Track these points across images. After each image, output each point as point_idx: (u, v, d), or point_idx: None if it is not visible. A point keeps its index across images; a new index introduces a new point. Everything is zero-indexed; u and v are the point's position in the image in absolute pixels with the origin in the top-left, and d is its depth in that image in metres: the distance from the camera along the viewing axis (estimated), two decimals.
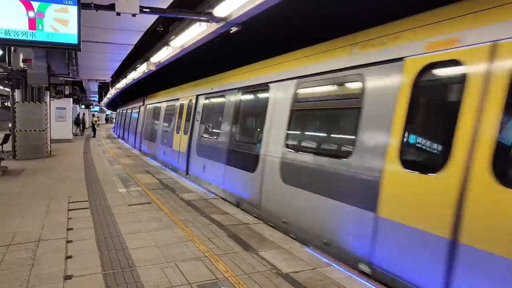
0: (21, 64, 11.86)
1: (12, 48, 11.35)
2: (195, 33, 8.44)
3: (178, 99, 13.19)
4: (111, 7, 6.48)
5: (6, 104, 38.88)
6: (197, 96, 11.16)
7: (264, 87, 7.23)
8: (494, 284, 3.14)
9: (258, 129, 7.35)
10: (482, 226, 3.22)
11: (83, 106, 38.08)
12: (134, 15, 6.59)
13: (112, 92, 31.78)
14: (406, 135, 4.07)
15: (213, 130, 9.73)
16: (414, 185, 3.86)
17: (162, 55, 11.78)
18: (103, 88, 32.06)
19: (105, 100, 45.28)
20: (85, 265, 4.14)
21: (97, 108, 53.13)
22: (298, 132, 6.26)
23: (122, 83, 23.13)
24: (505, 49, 3.24)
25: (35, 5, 5.89)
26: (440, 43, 3.84)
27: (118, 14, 6.56)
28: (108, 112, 78.18)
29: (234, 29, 7.43)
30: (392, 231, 4.06)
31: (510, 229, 3.02)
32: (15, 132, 13.65)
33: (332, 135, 5.69)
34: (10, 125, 15.20)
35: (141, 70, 15.00)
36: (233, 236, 5.27)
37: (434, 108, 4.11)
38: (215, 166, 9.01)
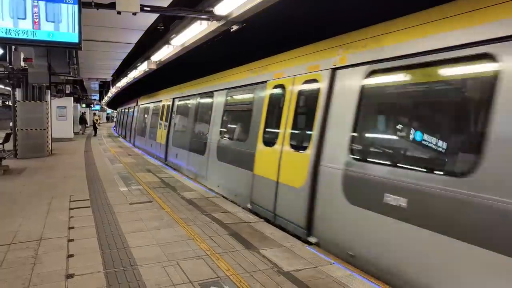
0: (22, 63, 11.89)
1: (13, 47, 11.36)
2: (195, 31, 8.43)
3: (161, 101, 16.13)
4: (112, 5, 6.47)
5: (7, 103, 38.92)
6: (173, 99, 14.00)
7: (211, 94, 10.19)
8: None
9: (207, 124, 10.12)
10: (289, 171, 6.09)
11: (84, 105, 38.08)
12: (134, 13, 6.58)
13: (113, 91, 31.76)
14: (265, 127, 7.05)
15: (182, 126, 12.72)
16: (266, 155, 6.82)
17: (163, 54, 11.77)
18: (104, 87, 32.05)
19: (106, 99, 45.24)
20: (87, 263, 4.14)
21: (98, 107, 53.15)
22: (228, 126, 9.28)
23: (122, 82, 23.14)
24: (297, 80, 6.21)
25: (36, 3, 5.88)
26: (277, 75, 6.86)
27: (119, 12, 6.55)
28: (109, 111, 78.18)
29: (235, 27, 7.42)
30: (260, 182, 6.92)
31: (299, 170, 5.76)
32: (16, 131, 13.67)
33: (242, 127, 8.48)
34: (11, 124, 15.23)
35: (142, 69, 15.00)
36: (234, 234, 5.28)
37: (273, 111, 6.93)
38: (183, 153, 11.93)
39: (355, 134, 4.86)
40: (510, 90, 3.21)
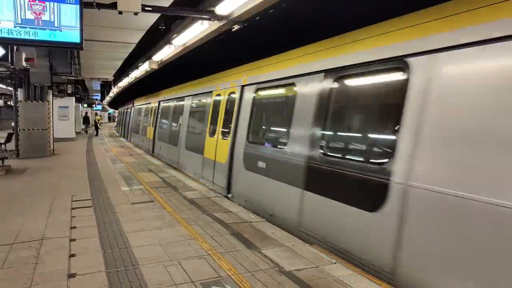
0: (24, 63, 11.89)
1: (15, 47, 11.38)
2: (197, 31, 8.44)
3: (150, 103, 19.08)
4: (113, 5, 6.47)
5: (9, 103, 39.01)
6: (159, 101, 16.67)
7: (183, 99, 12.68)
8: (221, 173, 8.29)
9: (180, 123, 12.61)
10: (220, 153, 8.49)
11: (85, 105, 38.17)
12: (136, 13, 6.59)
13: (114, 90, 31.81)
14: (210, 123, 9.47)
15: (164, 124, 15.31)
16: (210, 143, 9.25)
17: (164, 54, 11.78)
18: (106, 86, 32.10)
19: (107, 98, 45.30)
20: (89, 263, 4.15)
21: (99, 107, 53.22)
22: (191, 123, 11.55)
23: (124, 82, 23.18)
24: (226, 91, 8.80)
25: (38, 3, 5.90)
26: (217, 87, 9.48)
27: (120, 12, 6.55)
28: (111, 110, 78.25)
29: (236, 27, 7.43)
30: (206, 162, 9.39)
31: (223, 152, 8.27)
32: (18, 131, 13.69)
33: (199, 124, 10.68)
34: (13, 124, 15.26)
35: (143, 68, 15.04)
36: (236, 234, 5.28)
37: (215, 112, 9.32)
38: (164, 145, 14.65)
39: (249, 127, 7.41)
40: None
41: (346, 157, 4.85)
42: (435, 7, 3.92)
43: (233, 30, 7.59)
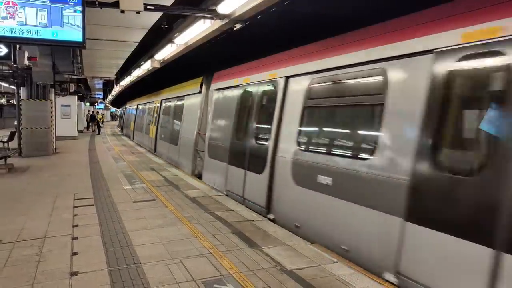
0: (26, 62, 11.92)
1: (18, 46, 11.41)
2: (199, 30, 8.44)
3: (145, 103, 21.68)
4: (115, 4, 6.47)
5: (11, 101, 39.10)
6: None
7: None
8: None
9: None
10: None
11: (87, 104, 38.25)
12: (138, 12, 6.59)
13: (116, 89, 31.86)
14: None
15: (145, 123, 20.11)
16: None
17: (166, 52, 11.77)
18: (108, 85, 32.15)
19: (109, 97, 45.35)
20: (91, 261, 4.17)
21: (102, 106, 53.30)
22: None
23: (126, 81, 23.22)
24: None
25: (41, 2, 5.91)
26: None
27: (122, 11, 6.55)
28: (113, 109, 78.35)
29: (238, 26, 7.41)
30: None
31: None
32: (21, 129, 13.74)
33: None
34: (15, 122, 15.31)
35: (146, 67, 15.05)
36: (238, 232, 5.29)
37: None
38: (146, 139, 18.78)
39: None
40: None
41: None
42: None
43: (235, 29, 7.57)
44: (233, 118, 8.04)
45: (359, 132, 4.87)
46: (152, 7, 6.89)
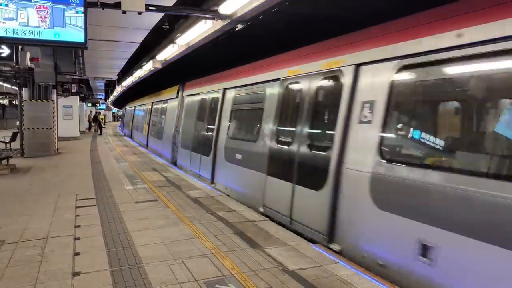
0: (29, 63, 11.96)
1: (20, 46, 11.44)
2: (200, 30, 8.45)
3: (141, 105, 24.38)
4: (117, 5, 6.49)
5: (13, 102, 39.20)
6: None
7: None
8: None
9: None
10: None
11: (89, 104, 38.39)
12: (140, 13, 6.60)
13: (118, 90, 31.95)
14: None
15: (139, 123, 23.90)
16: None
17: (168, 53, 11.80)
18: (110, 86, 32.24)
19: (111, 98, 45.41)
20: (93, 262, 4.18)
21: (103, 106, 53.40)
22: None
23: (128, 81, 23.27)
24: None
25: (43, 3, 5.93)
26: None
27: (124, 12, 6.57)
28: (115, 109, 78.44)
29: (239, 27, 7.42)
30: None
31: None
32: (23, 130, 13.78)
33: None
34: (17, 123, 15.35)
35: (147, 68, 15.08)
36: (239, 233, 5.29)
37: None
38: (140, 136, 21.66)
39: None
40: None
41: None
42: None
43: (236, 29, 7.58)
44: (194, 117, 11.31)
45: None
46: (153, 8, 6.91)
